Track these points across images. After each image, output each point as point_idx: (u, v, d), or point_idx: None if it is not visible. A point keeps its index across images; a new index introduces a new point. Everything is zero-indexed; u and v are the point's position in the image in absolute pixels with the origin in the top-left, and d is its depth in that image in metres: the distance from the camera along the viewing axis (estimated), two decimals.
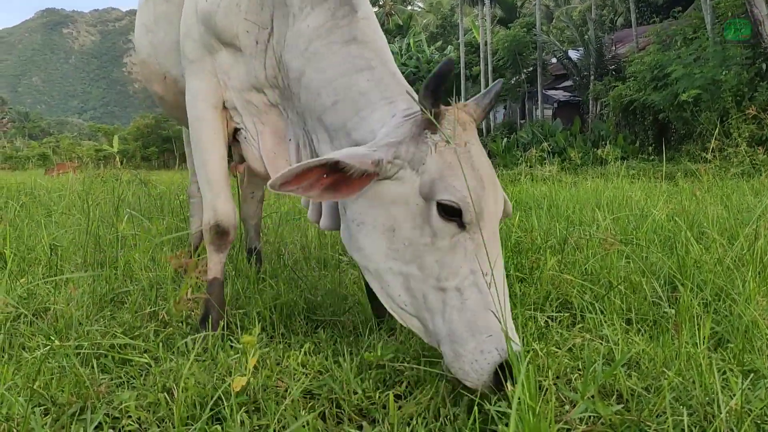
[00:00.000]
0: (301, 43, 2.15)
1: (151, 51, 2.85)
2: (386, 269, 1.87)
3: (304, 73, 2.14)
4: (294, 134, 2.37)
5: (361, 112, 2.01)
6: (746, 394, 1.78)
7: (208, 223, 2.49)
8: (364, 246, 1.90)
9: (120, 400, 1.83)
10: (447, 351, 1.77)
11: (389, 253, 1.86)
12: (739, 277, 2.54)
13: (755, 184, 6.25)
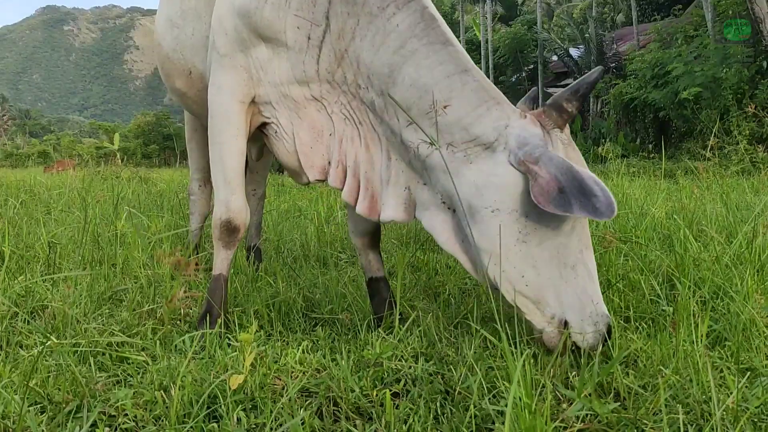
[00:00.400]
0: (392, 42, 2.20)
1: (175, 46, 2.81)
2: (517, 252, 2.07)
3: (400, 70, 2.20)
4: (339, 129, 2.42)
5: (478, 109, 2.13)
6: (743, 393, 1.78)
7: (219, 218, 2.49)
8: (493, 231, 2.07)
9: (116, 399, 1.83)
10: (572, 317, 2.07)
11: (520, 237, 2.06)
12: (738, 275, 2.54)
13: (755, 182, 6.25)
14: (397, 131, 2.27)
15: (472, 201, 2.12)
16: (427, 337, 2.37)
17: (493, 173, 2.08)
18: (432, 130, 2.16)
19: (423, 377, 1.99)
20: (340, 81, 2.35)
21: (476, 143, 2.13)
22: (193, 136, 3.67)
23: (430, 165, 2.22)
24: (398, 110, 2.23)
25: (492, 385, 1.93)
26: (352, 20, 2.25)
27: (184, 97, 2.96)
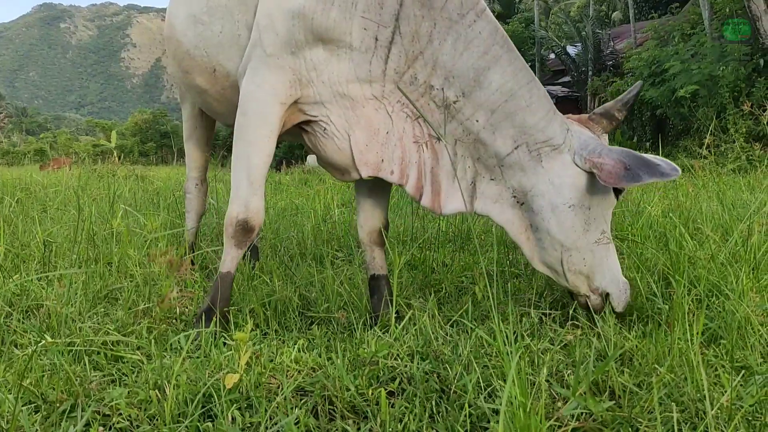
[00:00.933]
0: (476, 47, 2.37)
1: (198, 43, 2.78)
2: (583, 239, 2.42)
3: (486, 74, 2.38)
4: (399, 127, 2.50)
5: (548, 114, 2.42)
6: (738, 391, 1.78)
7: (235, 217, 2.47)
8: (569, 223, 2.41)
9: (111, 398, 1.83)
10: (612, 290, 2.45)
11: (585, 227, 2.41)
12: (733, 274, 2.54)
13: (751, 180, 6.25)
14: (474, 131, 2.45)
15: (552, 197, 2.41)
16: (423, 336, 2.37)
17: (566, 172, 2.40)
18: (513, 131, 2.41)
19: (418, 376, 1.99)
20: (408, 81, 2.44)
21: (547, 144, 2.41)
22: (193, 134, 3.66)
23: (508, 163, 2.46)
24: (478, 111, 2.41)
25: (487, 384, 1.93)
26: (428, 23, 2.36)
27: (204, 94, 2.93)
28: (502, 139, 2.43)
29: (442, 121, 2.47)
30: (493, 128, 2.42)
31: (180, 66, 2.98)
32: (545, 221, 2.43)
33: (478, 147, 2.48)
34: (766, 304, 2.35)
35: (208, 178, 3.78)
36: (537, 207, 2.44)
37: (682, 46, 15.91)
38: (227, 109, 2.82)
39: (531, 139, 2.42)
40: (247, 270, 3.08)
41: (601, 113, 2.54)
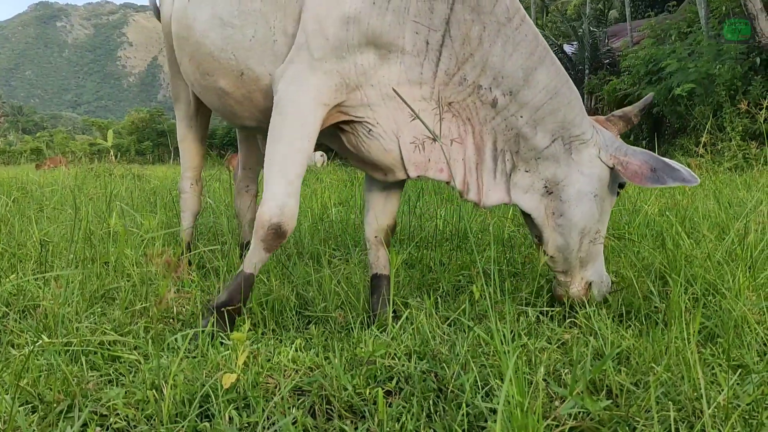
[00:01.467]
0: (524, 49, 2.51)
1: (225, 46, 2.75)
2: (594, 227, 2.64)
3: (534, 74, 2.53)
4: (444, 127, 2.59)
5: (581, 112, 2.62)
6: (735, 390, 1.78)
7: (269, 220, 2.42)
8: (590, 211, 2.62)
9: (108, 398, 1.82)
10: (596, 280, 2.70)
11: (597, 217, 2.64)
12: (729, 272, 2.54)
13: (747, 178, 6.26)
14: (517, 126, 2.58)
15: (581, 187, 2.61)
16: (421, 335, 2.37)
17: (592, 164, 2.61)
18: (553, 126, 2.58)
19: (416, 375, 1.99)
20: (457, 82, 2.53)
21: (579, 139, 2.61)
22: (188, 133, 3.65)
23: (544, 155, 2.61)
24: (523, 108, 2.55)
25: (485, 383, 1.93)
26: (478, 27, 2.46)
27: (226, 96, 2.90)
28: (543, 134, 2.59)
29: (486, 119, 2.59)
30: (536, 124, 2.58)
31: (199, 68, 2.95)
32: (571, 208, 2.61)
33: (519, 141, 2.61)
34: (763, 302, 2.35)
35: (203, 177, 3.78)
36: (566, 196, 2.62)
37: (678, 44, 15.91)
38: (249, 112, 2.85)
39: (567, 133, 2.60)
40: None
41: (619, 116, 2.83)
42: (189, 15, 2.94)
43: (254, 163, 3.97)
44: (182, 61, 3.10)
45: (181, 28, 3.01)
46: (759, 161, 5.29)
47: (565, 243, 2.65)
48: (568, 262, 2.68)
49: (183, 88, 3.55)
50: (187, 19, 2.95)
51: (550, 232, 2.68)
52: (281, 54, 2.56)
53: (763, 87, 12.56)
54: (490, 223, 4.70)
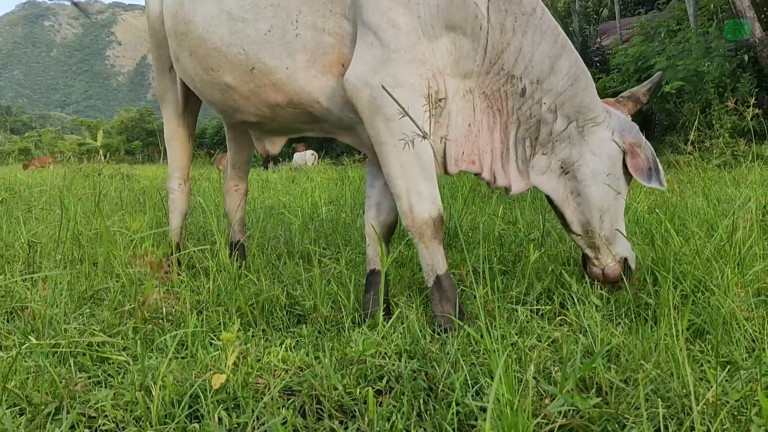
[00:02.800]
0: (549, 38, 2.62)
1: (233, 41, 2.74)
2: (614, 205, 2.77)
3: (558, 61, 2.64)
4: (478, 118, 2.67)
5: (595, 96, 2.75)
6: (723, 386, 1.79)
7: (430, 215, 2.49)
8: (605, 189, 2.73)
9: (96, 399, 1.81)
10: (629, 255, 2.82)
11: (617, 196, 2.76)
12: (718, 269, 2.55)
13: (736, 175, 6.29)
14: (539, 113, 2.68)
15: (595, 166, 2.73)
16: (411, 334, 2.37)
17: (604, 145, 2.74)
18: (571, 111, 2.70)
19: (406, 374, 1.99)
20: (495, 72, 2.62)
21: (592, 122, 2.73)
22: (176, 133, 3.63)
23: (561, 137, 2.73)
24: (546, 95, 2.65)
25: (475, 382, 1.93)
26: (511, 17, 2.55)
27: (232, 91, 2.88)
28: (561, 118, 2.71)
29: (514, 108, 2.68)
30: (556, 109, 2.69)
31: (202, 63, 2.92)
32: (588, 187, 2.73)
33: (540, 128, 2.71)
34: (751, 299, 2.36)
35: (191, 176, 3.76)
36: (581, 175, 2.74)
37: (668, 42, 15.97)
38: (255, 107, 2.85)
39: (582, 117, 2.72)
40: (234, 269, 3.06)
41: (628, 96, 2.95)
42: (187, 10, 2.92)
43: (244, 161, 3.95)
44: (180, 56, 3.08)
45: (179, 23, 2.98)
46: (747, 158, 5.32)
47: (587, 221, 2.77)
48: (593, 241, 2.79)
49: (171, 86, 3.53)
50: (185, 14, 2.93)
51: (572, 212, 2.80)
52: (302, 47, 2.59)
53: (751, 84, 12.63)
54: (481, 221, 4.70)
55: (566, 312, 2.58)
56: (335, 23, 2.55)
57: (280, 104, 2.76)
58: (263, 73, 2.70)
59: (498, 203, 5.68)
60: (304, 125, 2.94)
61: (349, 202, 6.28)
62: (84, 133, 51.59)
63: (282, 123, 2.95)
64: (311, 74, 2.62)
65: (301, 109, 2.75)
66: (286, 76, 2.65)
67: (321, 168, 14.58)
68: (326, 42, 2.57)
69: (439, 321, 2.50)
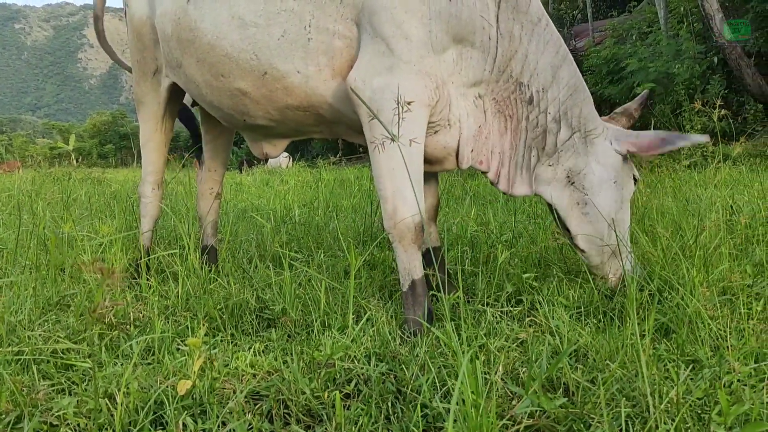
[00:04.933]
0: (552, 47, 2.71)
1: (245, 46, 2.77)
2: (620, 214, 2.79)
3: (559, 70, 2.73)
4: (489, 122, 2.77)
5: (593, 108, 2.81)
6: (688, 384, 1.81)
7: (412, 221, 2.51)
8: (612, 197, 2.77)
9: (59, 407, 1.78)
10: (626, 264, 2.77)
11: (621, 203, 2.80)
12: (684, 269, 2.58)
13: (706, 176, 6.36)
14: (544, 122, 2.76)
15: (600, 175, 2.77)
16: (381, 337, 2.36)
17: (608, 154, 2.78)
18: (574, 120, 2.76)
19: (375, 377, 1.98)
20: (504, 80, 2.71)
21: (593, 133, 2.79)
22: (153, 137, 3.59)
23: (566, 147, 2.78)
24: (551, 104, 2.73)
25: (443, 384, 1.93)
26: (518, 26, 2.65)
27: (243, 96, 2.91)
28: (565, 128, 2.77)
29: (522, 115, 2.77)
30: (560, 118, 2.76)
31: (212, 70, 2.94)
32: (595, 196, 2.76)
33: (546, 137, 2.78)
34: (716, 297, 2.39)
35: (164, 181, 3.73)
36: (588, 184, 2.77)
37: (639, 44, 16.15)
38: (265, 111, 2.91)
39: (584, 127, 2.78)
40: (204, 274, 3.03)
41: (620, 112, 3.03)
42: (194, 17, 2.92)
43: (220, 165, 3.93)
44: (184, 63, 3.07)
45: (183, 30, 2.98)
46: (716, 159, 5.38)
47: (595, 232, 2.76)
48: (600, 255, 2.78)
49: (151, 91, 3.50)
50: (190, 21, 2.94)
51: (577, 222, 2.80)
52: (314, 51, 2.65)
53: (720, 86, 12.82)
54: (454, 222, 4.72)
55: (536, 313, 2.59)
56: (346, 28, 2.61)
57: (291, 107, 2.84)
58: (275, 78, 2.76)
59: (471, 205, 5.70)
60: (312, 127, 3.02)
61: (323, 205, 6.26)
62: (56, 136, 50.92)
63: (290, 126, 3.02)
64: (323, 77, 2.69)
65: (311, 111, 2.83)
66: (299, 79, 2.72)
67: (296, 171, 14.54)
68: (337, 46, 2.63)
69: (409, 324, 2.50)
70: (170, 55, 3.17)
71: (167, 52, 3.19)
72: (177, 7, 3.00)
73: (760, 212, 3.38)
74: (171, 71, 3.27)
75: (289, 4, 2.68)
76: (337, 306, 2.76)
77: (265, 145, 3.31)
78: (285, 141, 3.31)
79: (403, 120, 2.44)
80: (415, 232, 2.52)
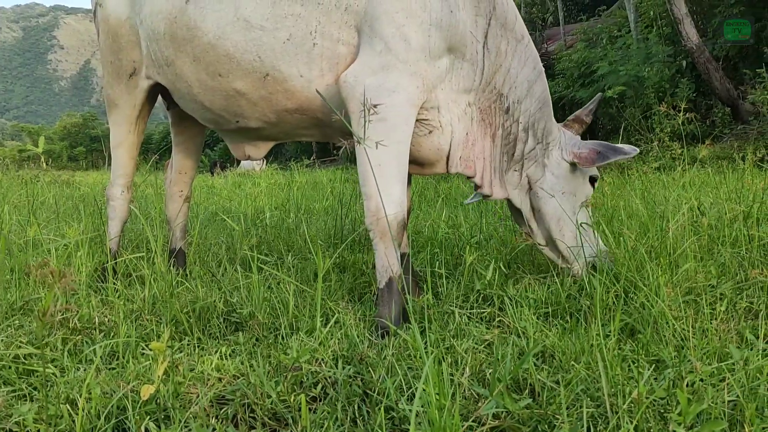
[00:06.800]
0: (530, 63, 2.96)
1: (249, 48, 2.79)
2: (567, 219, 2.98)
3: (534, 85, 2.98)
4: (474, 129, 2.94)
5: (554, 121, 3.11)
6: (651, 384, 1.82)
7: (395, 218, 2.58)
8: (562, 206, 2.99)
9: (19, 414, 1.75)
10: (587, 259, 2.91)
11: (571, 209, 3.01)
12: (650, 269, 2.60)
13: (674, 177, 6.44)
14: (515, 131, 3.00)
15: (554, 185, 3.03)
16: (349, 339, 2.35)
17: (560, 165, 3.04)
18: (539, 132, 3.03)
19: (342, 380, 1.98)
20: (489, 90, 2.90)
21: (551, 145, 3.06)
22: (126, 139, 3.54)
23: (528, 156, 3.04)
24: (523, 115, 2.98)
25: (409, 386, 1.93)
26: (504, 42, 2.87)
27: (240, 97, 2.94)
28: (532, 138, 3.01)
29: (500, 123, 2.97)
30: (528, 128, 2.99)
31: (208, 69, 2.94)
32: (547, 204, 3.01)
33: (516, 144, 3.01)
34: (680, 298, 2.42)
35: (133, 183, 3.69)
36: (542, 193, 3.03)
37: (609, 47, 16.33)
38: (261, 113, 2.97)
39: (545, 139, 3.04)
40: (171, 277, 3.00)
41: (573, 119, 3.21)
42: (193, 16, 2.92)
43: (190, 167, 3.89)
44: (177, 62, 3.05)
45: (180, 28, 2.97)
46: (683, 161, 5.46)
47: (548, 234, 3.03)
48: (559, 251, 3.03)
49: (126, 92, 3.45)
50: (189, 19, 2.93)
51: (536, 226, 3.10)
52: (318, 56, 2.72)
53: (689, 89, 12.99)
54: (425, 224, 4.72)
55: (504, 314, 2.60)
56: (349, 34, 2.69)
57: (289, 110, 2.90)
58: (277, 81, 2.81)
59: (443, 207, 5.71)
60: (305, 130, 3.10)
61: (295, 208, 6.24)
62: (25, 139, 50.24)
63: (283, 129, 3.09)
64: (325, 82, 2.75)
65: (309, 114, 2.90)
66: (301, 83, 2.78)
67: (269, 173, 14.48)
68: (341, 52, 2.71)
69: (381, 323, 2.50)
70: (158, 54, 3.13)
71: (155, 51, 3.15)
72: (173, 6, 2.98)
73: (725, 214, 3.42)
74: (156, 71, 3.23)
75: (296, 9, 2.72)
76: (305, 309, 2.74)
77: (248, 147, 3.36)
78: (270, 143, 3.36)
79: (393, 117, 2.55)
80: (397, 229, 2.59)
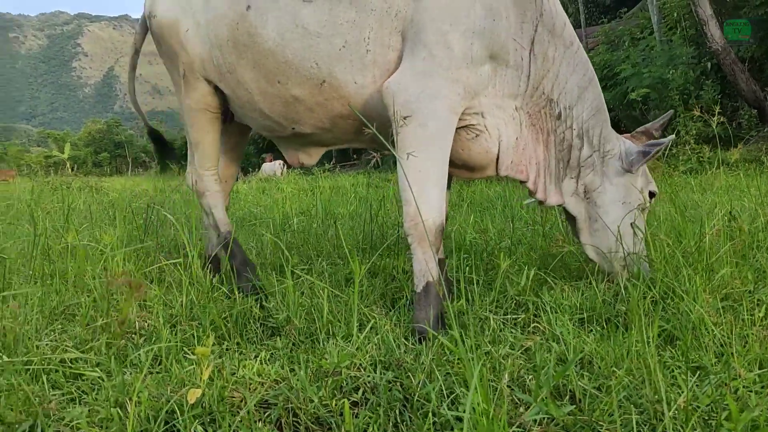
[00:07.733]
0: (580, 69, 2.96)
1: (306, 54, 2.86)
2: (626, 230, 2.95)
3: (585, 91, 2.98)
4: (524, 134, 2.96)
5: (611, 129, 3.08)
6: (694, 391, 1.83)
7: (433, 224, 2.62)
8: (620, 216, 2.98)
9: (71, 417, 1.79)
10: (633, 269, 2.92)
11: (628, 219, 2.97)
12: (687, 275, 2.60)
13: (702, 181, 6.40)
14: (569, 138, 3.00)
15: (612, 195, 3.01)
16: (386, 344, 2.38)
17: (619, 175, 3.02)
18: (595, 140, 3.02)
19: (382, 385, 2.00)
20: (538, 95, 2.92)
21: (610, 154, 3.04)
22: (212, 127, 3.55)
23: (587, 164, 3.03)
24: (575, 122, 2.98)
25: (450, 391, 1.95)
26: (552, 48, 2.88)
27: (297, 103, 3.01)
28: (587, 145, 3.01)
29: (551, 129, 2.99)
30: (582, 135, 3.00)
31: (267, 76, 3.01)
32: (605, 213, 3.00)
33: (570, 151, 3.02)
34: (719, 303, 2.41)
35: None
36: (600, 201, 3.02)
37: (632, 50, 16.21)
38: (316, 119, 3.04)
39: (602, 147, 3.03)
40: (206, 283, 3.04)
41: (642, 131, 3.23)
42: (255, 23, 2.97)
43: (230, 176, 3.93)
44: (238, 68, 3.10)
45: (242, 35, 3.02)
46: (713, 164, 5.42)
47: (602, 245, 3.01)
48: (611, 266, 3.01)
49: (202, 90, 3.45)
50: (250, 26, 2.99)
51: (587, 235, 3.07)
52: (371, 63, 2.78)
53: (714, 91, 12.87)
54: (452, 230, 4.73)
55: (539, 320, 2.61)
56: (397, 40, 2.74)
57: (343, 116, 2.97)
58: (333, 87, 2.87)
59: (469, 212, 5.72)
60: (355, 136, 3.15)
61: (321, 214, 6.27)
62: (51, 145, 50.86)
63: (336, 134, 3.15)
64: (377, 87, 2.80)
65: (360, 120, 2.93)
66: (355, 89, 2.84)
67: (291, 178, 14.54)
68: (391, 58, 2.76)
69: (419, 328, 2.52)
70: (221, 60, 3.16)
71: (217, 57, 3.18)
72: (235, 13, 3.03)
73: (759, 218, 3.40)
74: (219, 77, 3.26)
75: (350, 16, 2.78)
76: (340, 314, 2.77)
77: (302, 155, 3.42)
78: (322, 150, 3.42)
79: (433, 124, 2.60)
80: (435, 234, 2.62)
